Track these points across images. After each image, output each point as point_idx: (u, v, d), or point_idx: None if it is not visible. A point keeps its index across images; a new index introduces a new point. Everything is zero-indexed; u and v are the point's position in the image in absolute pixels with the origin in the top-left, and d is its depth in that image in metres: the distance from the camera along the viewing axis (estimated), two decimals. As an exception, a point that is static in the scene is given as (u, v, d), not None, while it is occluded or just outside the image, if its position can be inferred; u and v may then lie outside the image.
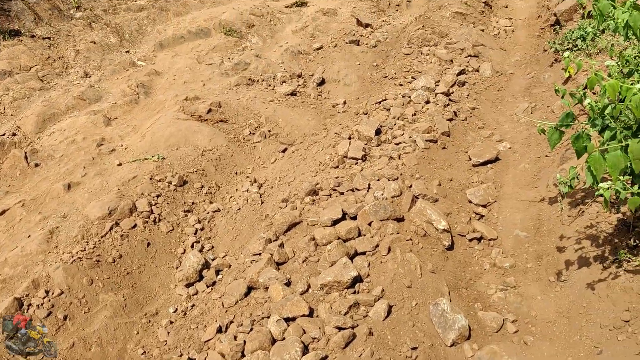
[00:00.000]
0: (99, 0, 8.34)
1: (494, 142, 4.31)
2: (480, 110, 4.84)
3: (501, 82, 5.51)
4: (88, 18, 7.63)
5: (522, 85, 5.47)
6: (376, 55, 6.71)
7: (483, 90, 5.24)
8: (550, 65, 5.63)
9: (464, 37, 6.32)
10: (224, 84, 5.91)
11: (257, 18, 7.64)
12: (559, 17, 6.20)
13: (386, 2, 9.02)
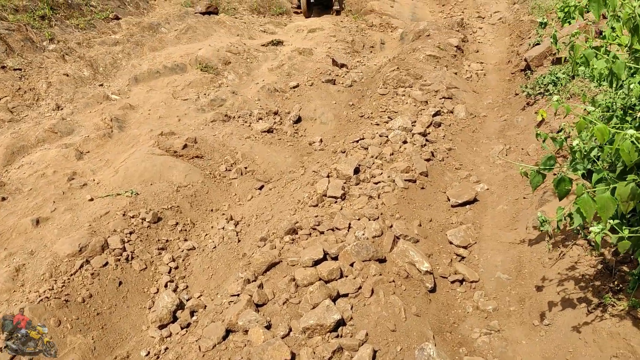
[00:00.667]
0: (73, 33, 8.24)
1: (472, 183, 4.30)
2: (457, 151, 4.85)
3: (475, 124, 5.55)
4: (61, 50, 7.50)
5: (496, 127, 5.52)
6: (352, 94, 6.73)
7: (458, 131, 5.27)
8: (523, 108, 5.71)
9: (438, 80, 6.39)
10: (200, 120, 5.83)
11: (233, 55, 7.62)
12: (530, 63, 6.33)
13: (360, 44, 9.12)
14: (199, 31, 8.92)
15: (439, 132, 5.09)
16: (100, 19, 8.97)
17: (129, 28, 8.83)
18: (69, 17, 8.67)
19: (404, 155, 4.47)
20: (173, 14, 9.85)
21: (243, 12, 11.06)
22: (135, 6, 10.26)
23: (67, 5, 8.85)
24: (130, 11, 9.94)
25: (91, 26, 8.67)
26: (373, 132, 5.03)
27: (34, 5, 8.20)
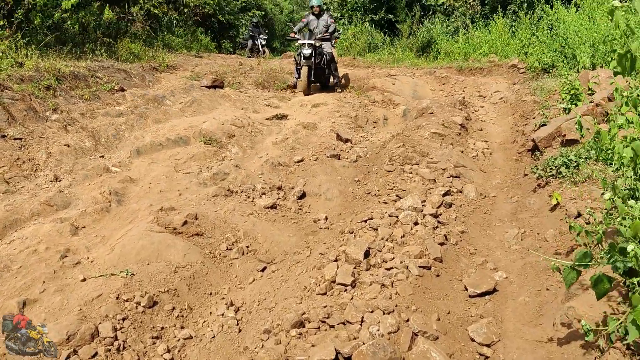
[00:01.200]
0: (77, 103, 8.12)
1: (489, 270, 4.01)
2: (470, 234, 4.58)
3: (487, 205, 5.31)
4: (64, 121, 7.36)
5: (508, 209, 5.28)
6: (357, 170, 6.53)
7: (470, 213, 5.02)
8: (534, 190, 5.48)
9: (445, 158, 6.21)
10: (202, 195, 5.58)
11: (237, 129, 7.47)
12: (538, 144, 6.16)
13: (364, 119, 9.03)
14: (204, 104, 8.84)
15: (450, 213, 4.83)
16: (105, 91, 8.91)
17: (134, 100, 8.74)
18: (74, 87, 8.60)
19: (415, 238, 4.20)
20: (179, 86, 9.81)
21: (248, 87, 11.06)
22: (141, 79, 10.25)
23: (73, 77, 8.80)
24: (136, 83, 9.91)
25: (96, 97, 8.58)
26: (382, 211, 4.77)
27: (40, 75, 8.14)
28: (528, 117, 7.97)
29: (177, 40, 16.07)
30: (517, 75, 11.67)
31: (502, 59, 13.53)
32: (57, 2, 10.59)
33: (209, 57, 15.98)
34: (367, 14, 19.96)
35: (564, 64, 9.68)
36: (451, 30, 18.77)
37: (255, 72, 12.20)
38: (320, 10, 11.17)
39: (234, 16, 25.89)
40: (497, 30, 15.73)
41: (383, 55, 17.65)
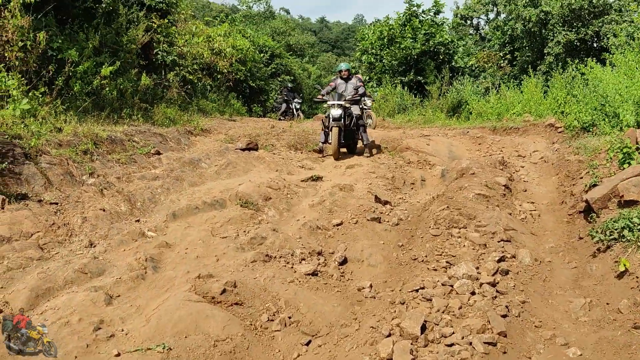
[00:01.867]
0: (113, 167, 8.04)
1: (559, 346, 3.59)
2: (532, 304, 4.18)
3: (544, 272, 4.91)
4: (100, 185, 7.24)
5: (567, 276, 4.87)
6: (400, 234, 6.20)
7: (528, 280, 4.63)
8: (593, 255, 5.08)
9: (493, 221, 5.86)
10: (240, 260, 5.30)
11: (273, 191, 7.26)
12: (592, 205, 5.78)
13: (401, 180, 8.76)
14: (239, 166, 8.69)
15: (507, 281, 4.45)
16: (141, 154, 8.85)
17: (170, 163, 8.64)
18: (111, 152, 8.55)
19: (475, 310, 3.82)
20: (213, 149, 9.73)
21: (281, 148, 10.96)
22: (177, 142, 10.22)
23: (111, 141, 8.77)
24: (171, 147, 9.86)
25: (132, 161, 8.51)
26: (434, 279, 4.42)
27: (78, 140, 8.11)
28: (575, 177, 7.60)
29: (211, 105, 16.23)
30: (555, 134, 11.36)
31: (537, 118, 13.26)
32: (96, 69, 10.77)
33: (242, 120, 16.07)
34: (396, 76, 20.06)
35: (605, 123, 9.36)
36: (481, 90, 18.71)
37: (288, 135, 12.12)
38: (349, 74, 11.09)
39: (265, 81, 26.34)
40: (530, 90, 15.54)
41: (413, 116, 17.58)
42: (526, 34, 19.72)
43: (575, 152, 8.59)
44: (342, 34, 67.42)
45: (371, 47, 21.37)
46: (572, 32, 18.35)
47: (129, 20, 12.50)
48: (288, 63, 30.94)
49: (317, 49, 47.07)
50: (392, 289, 4.81)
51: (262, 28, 34.15)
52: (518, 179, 8.37)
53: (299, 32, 40.93)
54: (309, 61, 41.29)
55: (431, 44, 19.37)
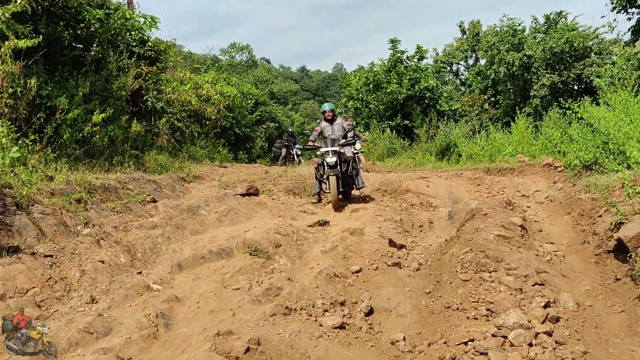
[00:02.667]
0: (108, 216, 7.52)
1: (642, 404, 3.17)
2: (594, 356, 3.75)
3: (592, 317, 4.50)
4: (96, 235, 6.71)
5: (618, 322, 4.47)
6: (424, 279, 5.77)
7: (580, 327, 4.21)
8: (639, 298, 4.70)
9: (523, 263, 5.47)
10: (258, 314, 4.80)
11: (283, 237, 6.80)
12: (627, 244, 5.44)
13: (409, 223, 8.37)
14: (241, 212, 8.23)
15: (561, 329, 4.02)
16: (136, 202, 8.35)
17: (167, 210, 8.15)
18: (105, 200, 8.04)
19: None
20: (212, 196, 9.27)
21: (278, 194, 10.54)
22: (172, 189, 9.75)
23: (104, 189, 8.28)
24: (166, 194, 9.39)
25: (127, 209, 8.00)
26: (481, 330, 3.97)
27: (71, 188, 7.61)
28: (592, 216, 7.30)
29: (201, 152, 15.84)
30: (554, 173, 11.16)
31: (532, 159, 13.10)
32: (86, 116, 10.35)
33: (233, 166, 15.68)
34: (383, 120, 19.97)
35: (610, 161, 9.16)
36: (469, 133, 18.65)
37: (284, 179, 11.73)
38: (333, 114, 10.24)
39: (250, 128, 26.12)
40: (520, 131, 15.49)
41: (403, 160, 17.37)
42: (510, 77, 19.90)
43: (585, 190, 8.31)
44: (322, 82, 68.23)
45: (357, 93, 21.34)
46: (555, 74, 18.53)
47: (118, 68, 12.16)
48: (272, 110, 30.90)
49: (299, 96, 47.34)
50: (429, 342, 4.34)
51: (245, 77, 34.22)
52: (530, 220, 8.04)
53: (281, 81, 41.16)
54: (292, 108, 41.40)
55: (417, 89, 19.38)
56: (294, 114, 40.14)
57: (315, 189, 10.02)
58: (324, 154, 9.34)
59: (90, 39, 11.50)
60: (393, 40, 20.49)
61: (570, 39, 18.18)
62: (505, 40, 19.73)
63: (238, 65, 38.51)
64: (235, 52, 40.43)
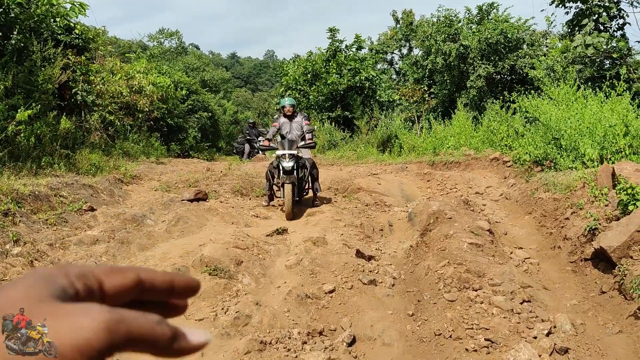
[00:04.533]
0: (41, 231, 6.61)
1: None
2: (615, 395, 3.40)
3: (594, 343, 4.17)
4: (29, 255, 5.83)
5: (621, 346, 4.16)
6: (404, 299, 5.30)
7: (587, 357, 3.85)
8: (635, 316, 4.42)
9: (507, 278, 5.11)
10: (230, 353, 4.17)
11: (242, 252, 6.14)
12: (611, 254, 5.18)
13: (370, 227, 7.91)
14: (191, 221, 7.47)
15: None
16: (72, 212, 7.45)
17: (108, 221, 7.29)
18: (36, 211, 7.10)
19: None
20: (156, 201, 8.45)
21: (225, 195, 9.81)
22: (110, 194, 8.83)
23: (34, 197, 7.32)
24: (104, 200, 8.47)
25: (63, 221, 7.10)
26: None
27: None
28: (558, 218, 7.08)
29: (135, 147, 14.74)
30: (504, 168, 11.03)
31: (477, 152, 12.98)
32: (9, 113, 9.21)
33: (171, 163, 14.73)
34: (323, 112, 19.44)
35: (564, 158, 9.05)
36: (409, 124, 18.48)
37: (230, 179, 11.01)
38: (293, 110, 9.16)
39: (183, 119, 24.93)
40: (460, 124, 15.40)
41: (345, 152, 16.94)
42: (446, 68, 19.85)
43: (545, 189, 8.12)
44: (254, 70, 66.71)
45: (295, 83, 20.67)
46: (490, 65, 18.61)
47: (43, 58, 10.96)
48: (205, 99, 29.67)
49: (231, 84, 46.00)
50: (427, 379, 3.87)
51: (175, 64, 32.67)
52: (492, 221, 7.76)
53: (212, 68, 39.73)
54: (223, 97, 40.10)
55: (357, 80, 18.96)
56: (226, 102, 38.88)
57: (266, 190, 9.20)
58: (279, 157, 8.37)
59: (10, 25, 10.28)
60: (332, 29, 19.94)
61: (504, 30, 18.26)
62: (441, 30, 19.62)
63: (167, 52, 36.78)
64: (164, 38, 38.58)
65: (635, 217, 5.29)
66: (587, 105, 9.94)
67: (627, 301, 4.68)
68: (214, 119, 31.30)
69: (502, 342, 3.93)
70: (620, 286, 4.90)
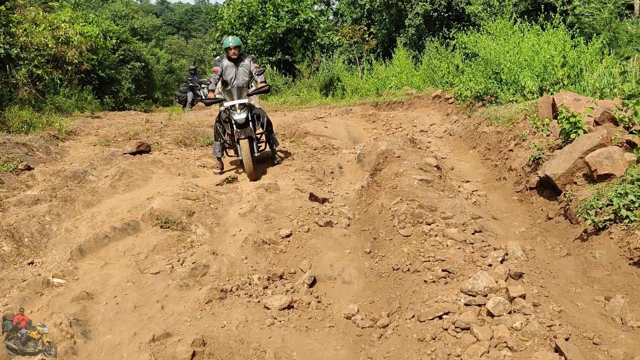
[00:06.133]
0: (-24, 193, 6.24)
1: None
2: (567, 313, 3.56)
3: (544, 266, 4.35)
4: (-35, 220, 5.50)
5: (570, 267, 4.37)
6: (361, 238, 5.36)
7: (541, 281, 4.02)
8: (581, 239, 4.64)
9: (458, 210, 5.23)
10: (191, 303, 4.12)
11: (194, 202, 6.02)
12: (555, 181, 5.38)
13: (320, 171, 7.90)
14: (136, 175, 7.23)
15: (526, 286, 3.78)
16: (7, 172, 7.06)
17: (47, 179, 6.96)
18: (-33, 173, 6.69)
19: (529, 336, 3.09)
20: (96, 157, 8.11)
21: (168, 146, 9.54)
22: (46, 151, 8.41)
23: (-36, 159, 6.87)
24: (41, 157, 8.07)
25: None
26: (452, 299, 3.63)
27: None
28: (502, 150, 7.27)
29: (68, 102, 14.03)
30: (446, 105, 11.17)
31: (419, 91, 13.06)
32: None
33: (107, 116, 14.12)
34: (262, 56, 18.96)
35: (502, 91, 9.22)
36: (350, 66, 18.34)
37: (171, 129, 10.68)
38: (239, 52, 7.75)
39: (115, 70, 23.83)
40: (401, 63, 15.40)
41: (288, 97, 16.69)
42: (385, 6, 19.65)
43: (488, 123, 8.30)
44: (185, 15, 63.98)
45: (231, 28, 19.98)
46: (427, 3, 18.52)
47: (-43, 9, 10.11)
48: (136, 48, 28.40)
49: (162, 31, 44.07)
50: (388, 312, 3.97)
51: (102, 12, 30.88)
52: (438, 157, 7.89)
53: (142, 15, 37.83)
54: (156, 45, 38.45)
55: (295, 22, 18.52)
56: (159, 50, 37.37)
57: (216, 153, 7.94)
58: (229, 108, 7.25)
59: None
60: (266, -31, 19.23)
61: (439, -34, 18.12)
62: (377, -32, 19.30)
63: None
64: (86, -17, 36.21)
65: (578, 145, 5.48)
66: (524, 38, 10.09)
67: (573, 225, 4.89)
68: (148, 69, 30.11)
69: (458, 271, 4.04)
70: (565, 211, 5.11)
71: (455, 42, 12.43)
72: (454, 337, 3.24)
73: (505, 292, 3.58)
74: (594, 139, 5.33)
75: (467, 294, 3.66)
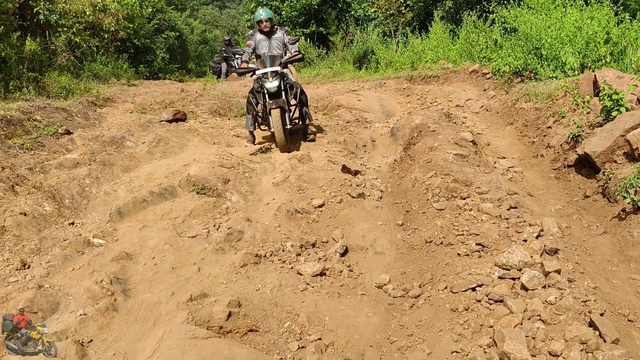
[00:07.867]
0: (19, 155, 6.45)
1: (677, 346, 2.99)
2: (602, 290, 3.55)
3: (580, 244, 4.33)
4: (10, 180, 5.70)
5: (605, 245, 4.33)
6: (393, 210, 5.38)
7: (578, 257, 4.00)
8: (619, 218, 4.58)
9: (493, 185, 5.20)
10: (227, 267, 4.23)
11: (229, 170, 6.11)
12: (595, 159, 5.29)
13: (353, 144, 7.91)
14: (172, 142, 7.36)
15: (562, 262, 3.77)
16: (48, 136, 7.26)
17: (86, 144, 7.14)
18: (11, 135, 6.91)
19: (563, 310, 3.10)
20: (133, 123, 8.26)
21: (203, 116, 9.65)
22: (84, 117, 8.60)
23: (7, 122, 7.10)
24: (80, 123, 8.26)
25: (39, 145, 6.93)
26: (486, 272, 3.65)
27: (-34, 125, 6.42)
28: (540, 127, 7.16)
29: (105, 69, 14.24)
30: (483, 80, 10.99)
31: (456, 65, 12.86)
32: (-31, 35, 8.75)
33: (142, 84, 14.33)
34: (297, 28, 18.87)
35: (542, 67, 9.03)
36: (386, 40, 18.11)
37: (206, 99, 10.78)
38: (271, 25, 7.68)
39: (150, 39, 24.00)
40: (438, 37, 15.14)
41: (321, 70, 16.64)
42: (422, -21, 19.28)
43: (526, 99, 8.16)
44: (219, -15, 63.73)
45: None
46: (466, -24, 18.08)
47: (-1, -26, 10.27)
48: (171, 18, 28.51)
49: (197, 1, 44.10)
50: (420, 284, 4.00)
51: (137, -19, 31.03)
52: (474, 133, 7.81)
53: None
54: (190, 15, 38.51)
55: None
56: (193, 21, 37.42)
57: (248, 127, 7.78)
58: (261, 77, 7.10)
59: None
60: (304, -61, 19.00)
61: (482, -63, 17.63)
62: (417, -62, 18.86)
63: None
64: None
65: (619, 122, 5.37)
66: (566, 13, 9.82)
67: (611, 204, 4.82)
68: (182, 39, 30.22)
69: (493, 246, 4.04)
70: (604, 190, 5.04)
71: (494, 16, 12.16)
72: (487, 309, 3.27)
73: (540, 267, 3.57)
74: (636, 117, 5.22)
75: (501, 267, 3.67)
